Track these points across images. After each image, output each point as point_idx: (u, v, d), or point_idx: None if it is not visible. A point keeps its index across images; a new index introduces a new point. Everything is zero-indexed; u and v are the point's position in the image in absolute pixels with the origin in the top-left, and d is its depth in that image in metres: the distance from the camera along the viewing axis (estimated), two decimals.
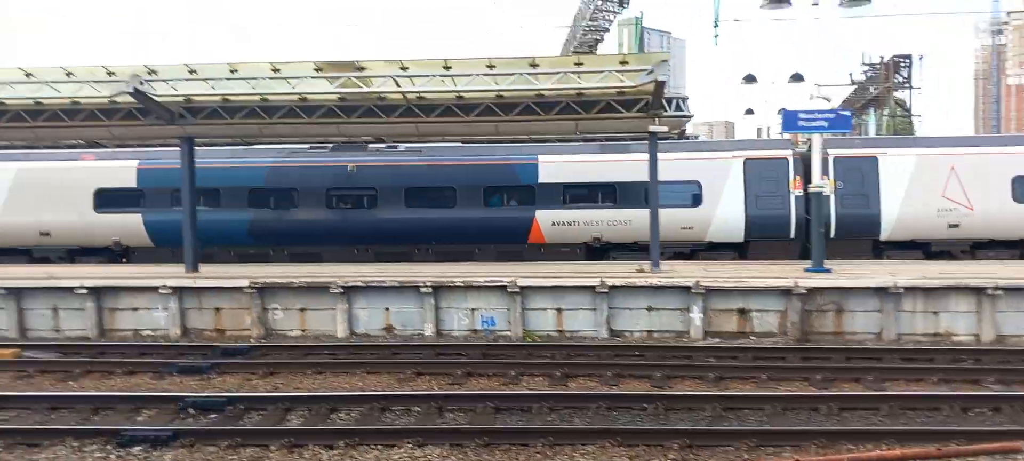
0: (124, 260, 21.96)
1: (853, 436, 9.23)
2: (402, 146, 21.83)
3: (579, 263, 19.38)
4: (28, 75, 16.90)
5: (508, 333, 15.53)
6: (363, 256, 21.40)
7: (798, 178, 20.20)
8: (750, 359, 13.35)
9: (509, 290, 15.39)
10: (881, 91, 44.68)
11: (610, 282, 15.30)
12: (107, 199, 21.63)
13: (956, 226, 20.01)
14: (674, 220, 20.10)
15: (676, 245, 20.68)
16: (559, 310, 15.53)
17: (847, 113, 18.35)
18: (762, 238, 20.47)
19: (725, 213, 20.37)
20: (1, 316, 16.48)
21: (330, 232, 21.11)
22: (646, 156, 20.03)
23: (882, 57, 45.60)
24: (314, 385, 12.28)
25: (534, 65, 16.02)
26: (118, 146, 22.64)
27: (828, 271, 16.15)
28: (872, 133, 44.77)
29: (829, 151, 20.41)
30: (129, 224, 21.58)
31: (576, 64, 16.41)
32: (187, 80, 16.65)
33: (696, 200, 20.46)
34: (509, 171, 21.07)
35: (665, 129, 19.01)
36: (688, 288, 15.15)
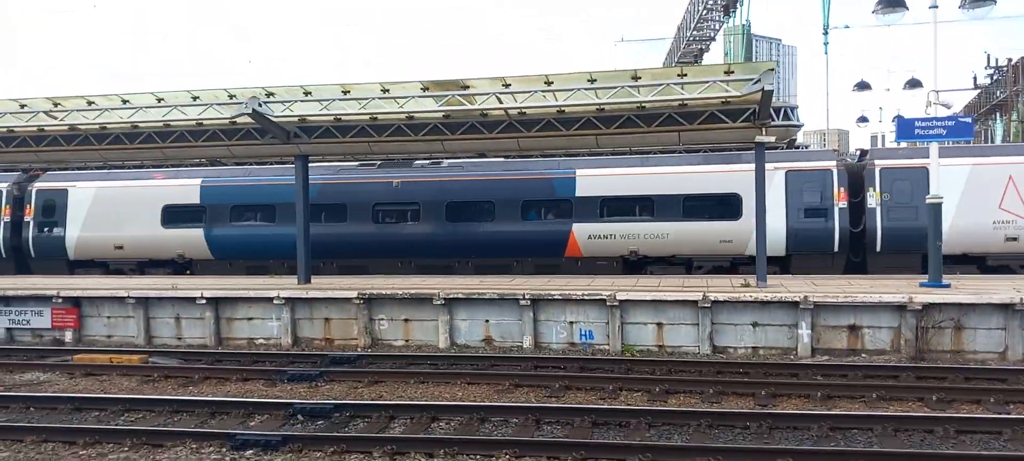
0: (188, 271, 23.33)
1: None
2: (445, 162, 22.29)
3: (682, 277, 19.10)
4: (159, 100, 18.07)
5: (606, 347, 15.48)
6: (406, 268, 21.93)
7: (843, 190, 19.49)
8: (860, 377, 12.86)
9: (608, 303, 15.34)
10: (1009, 95, 42.05)
11: (713, 296, 15.03)
12: (173, 215, 23.06)
13: (1014, 239, 18.76)
14: (713, 233, 19.88)
15: (715, 258, 20.33)
16: (659, 324, 15.36)
17: (968, 120, 17.41)
18: (804, 252, 19.81)
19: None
20: (131, 324, 17.67)
21: (376, 245, 21.68)
22: (681, 169, 20.33)
23: (1010, 59, 42.93)
24: (416, 394, 12.59)
25: (636, 77, 15.97)
26: (183, 166, 24.12)
27: (946, 286, 15.35)
28: (999, 141, 42.23)
29: (875, 162, 19.70)
30: (192, 238, 22.90)
31: (679, 75, 16.24)
32: (302, 101, 17.42)
33: (735, 213, 19.98)
34: (547, 185, 21.17)
35: (772, 139, 18.47)
36: (796, 304, 14.71)
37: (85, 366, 14.89)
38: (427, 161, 22.30)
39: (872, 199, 19.28)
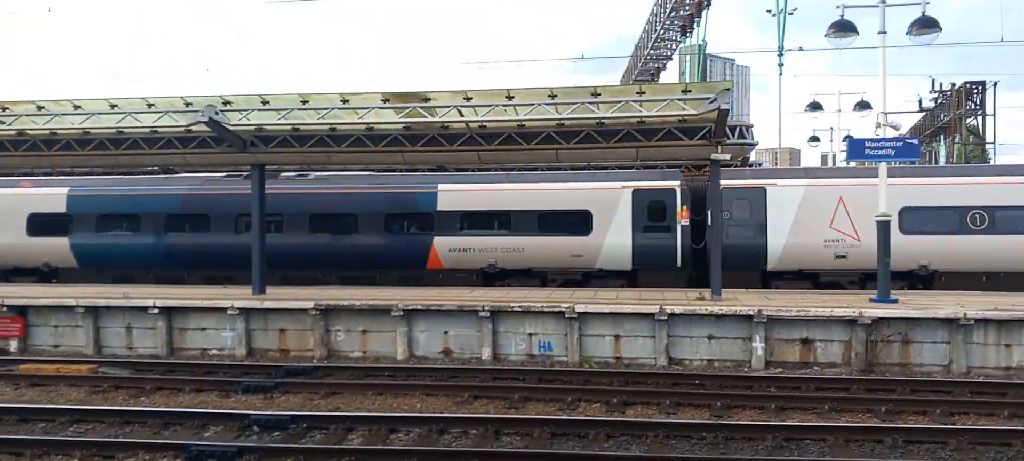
0: (54, 280, 23.17)
1: None
2: (311, 175, 22.46)
3: (639, 290, 19.29)
4: (113, 106, 17.70)
5: (565, 359, 15.56)
6: (271, 279, 21.70)
7: (685, 208, 20.29)
8: (813, 389, 13.15)
9: (567, 316, 15.44)
10: (952, 118, 43.46)
11: (669, 309, 15.22)
12: (39, 224, 22.83)
13: (843, 257, 19.68)
14: (565, 248, 20.61)
15: (567, 272, 20.98)
16: (617, 337, 15.50)
17: (915, 141, 17.94)
18: (650, 266, 20.57)
19: (614, 242, 20.52)
20: (79, 333, 17.25)
21: (239, 256, 21.39)
22: (536, 186, 21.15)
23: (953, 84, 44.40)
24: (374, 406, 12.52)
25: (596, 94, 16.14)
26: (52, 174, 23.87)
27: (894, 301, 15.77)
28: (942, 162, 43.55)
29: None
30: (58, 247, 22.72)
31: (638, 92, 16.46)
32: (259, 110, 17.22)
33: (586, 229, 20.66)
34: (410, 199, 21.54)
35: (727, 157, 18.84)
36: (750, 317, 14.98)
37: (31, 376, 14.50)
38: (293, 173, 22.38)
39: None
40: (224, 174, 22.74)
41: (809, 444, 10.18)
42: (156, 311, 16.85)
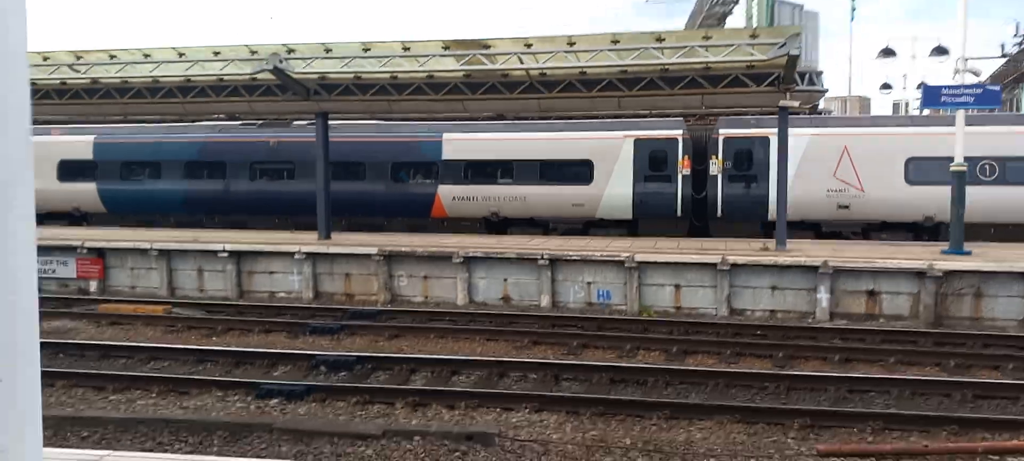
0: (83, 224, 23.87)
1: (989, 425, 8.78)
2: None
3: (700, 239, 19.09)
4: (181, 54, 18.11)
5: (623, 307, 15.56)
6: (284, 225, 22.20)
7: (687, 158, 19.95)
8: (878, 341, 12.87)
9: (626, 265, 15.39)
10: None
11: (732, 259, 15.05)
12: (68, 170, 23.54)
13: (846, 208, 19.07)
14: (566, 197, 20.54)
15: (567, 221, 20.89)
16: (677, 286, 15.41)
17: (996, 88, 17.18)
18: (650, 216, 20.31)
19: (614, 191, 20.32)
20: (154, 275, 17.92)
21: (254, 202, 21.96)
22: (538, 135, 20.96)
23: None
24: (436, 349, 12.74)
25: (660, 39, 15.83)
26: (79, 123, 24.29)
27: (967, 253, 15.29)
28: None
29: (720, 131, 19.91)
30: (86, 192, 23.45)
31: (704, 38, 16.10)
32: (322, 58, 17.40)
33: (587, 178, 20.48)
34: (415, 148, 21.59)
35: (796, 105, 18.35)
36: (815, 268, 14.72)
37: (110, 315, 15.15)
38: (305, 122, 22.43)
39: (714, 167, 19.59)
40: (240, 122, 23.17)
41: (874, 396, 10.01)
42: (226, 255, 17.37)
